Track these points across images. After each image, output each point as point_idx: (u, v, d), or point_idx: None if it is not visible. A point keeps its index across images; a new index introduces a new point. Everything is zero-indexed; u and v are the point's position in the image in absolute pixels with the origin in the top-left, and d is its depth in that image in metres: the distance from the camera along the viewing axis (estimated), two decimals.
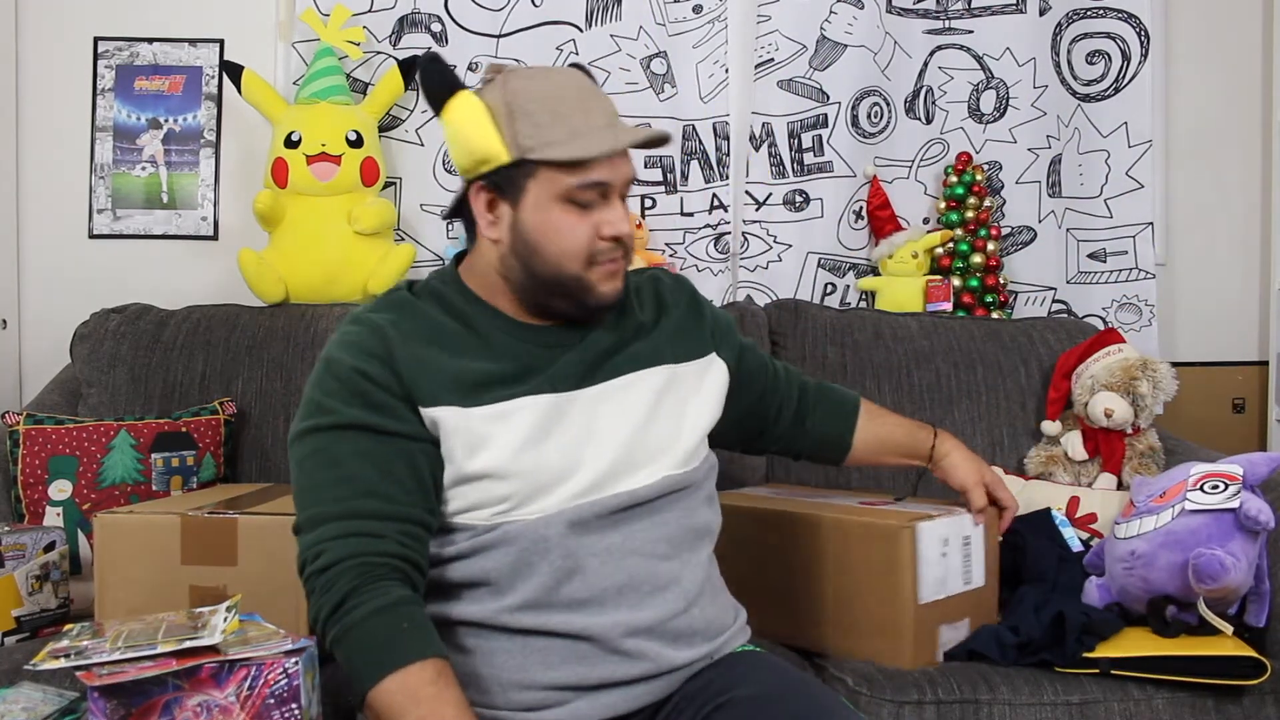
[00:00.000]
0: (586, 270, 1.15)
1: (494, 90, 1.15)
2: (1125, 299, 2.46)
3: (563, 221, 1.14)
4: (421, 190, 2.48)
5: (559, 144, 1.11)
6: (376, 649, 1.02)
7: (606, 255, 1.16)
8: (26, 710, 1.17)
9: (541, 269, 1.15)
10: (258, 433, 2.04)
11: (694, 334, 1.32)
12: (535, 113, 1.12)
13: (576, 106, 1.13)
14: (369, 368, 1.12)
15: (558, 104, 1.13)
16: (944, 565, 1.53)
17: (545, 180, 1.13)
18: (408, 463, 1.11)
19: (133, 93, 2.47)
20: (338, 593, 1.05)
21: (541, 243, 1.14)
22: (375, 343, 1.14)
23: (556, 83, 1.16)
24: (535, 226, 1.14)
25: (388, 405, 1.12)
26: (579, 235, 1.14)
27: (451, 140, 1.17)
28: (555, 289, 1.16)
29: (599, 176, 1.13)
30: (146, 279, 2.40)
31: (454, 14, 2.46)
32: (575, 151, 1.11)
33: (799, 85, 2.47)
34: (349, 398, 1.11)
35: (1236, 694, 1.48)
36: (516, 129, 1.12)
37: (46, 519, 1.82)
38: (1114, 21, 2.47)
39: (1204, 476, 1.63)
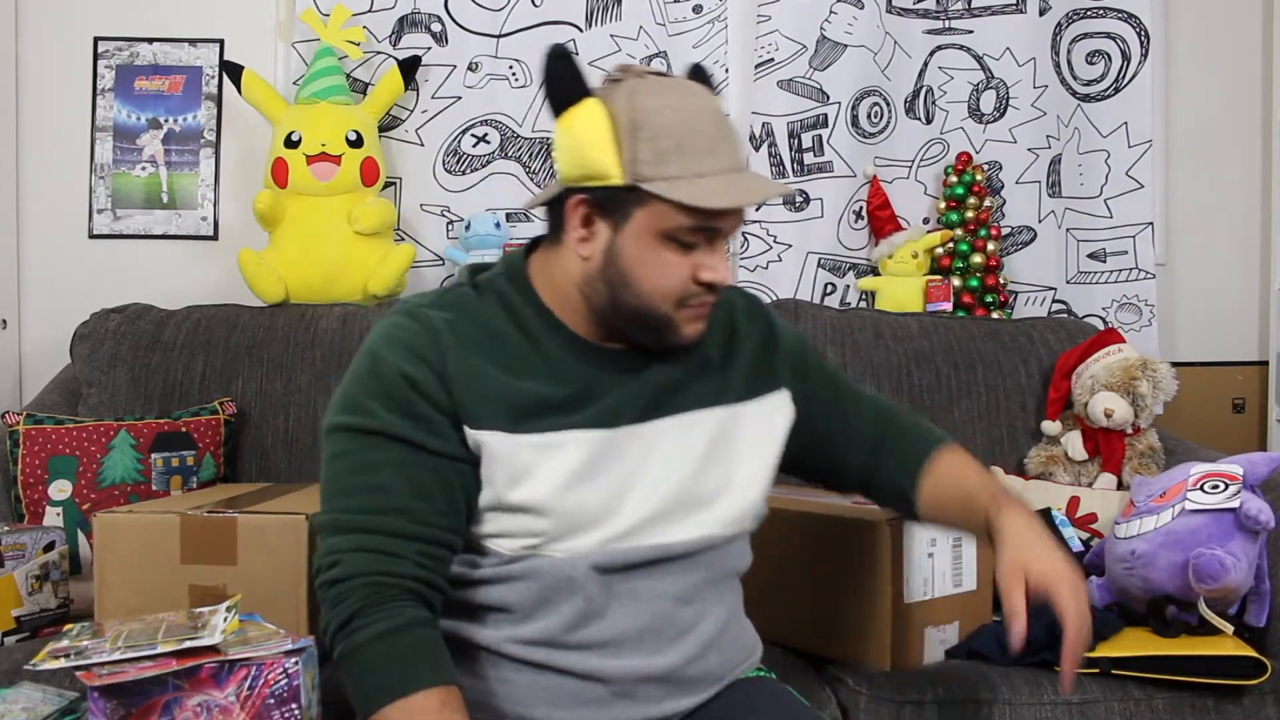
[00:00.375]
0: (675, 310, 1.08)
1: (620, 99, 1.04)
2: (1125, 299, 2.46)
3: (662, 258, 1.06)
4: (421, 190, 2.48)
5: (679, 182, 1.02)
6: (380, 674, 1.00)
7: (698, 298, 1.09)
8: (26, 710, 1.17)
9: (628, 301, 1.07)
10: (258, 433, 2.04)
11: (764, 367, 1.23)
12: (660, 139, 1.02)
13: (705, 142, 1.04)
14: (417, 374, 1.05)
15: (686, 134, 1.03)
16: (931, 566, 1.53)
17: (655, 213, 1.04)
18: (441, 482, 1.06)
19: (133, 93, 2.47)
20: (346, 610, 1.02)
21: (635, 275, 1.06)
22: (428, 346, 1.07)
23: (689, 108, 1.04)
24: (632, 257, 1.06)
25: (431, 420, 1.06)
26: (676, 275, 1.06)
27: (563, 147, 1.06)
28: (638, 322, 1.09)
29: (714, 222, 1.04)
30: (146, 279, 2.40)
31: (454, 14, 2.46)
32: (696, 198, 1.01)
33: (799, 85, 2.47)
34: (391, 404, 1.05)
35: (1236, 694, 1.48)
36: (637, 151, 1.02)
37: (46, 519, 1.82)
38: (1114, 21, 2.47)
39: (1204, 476, 1.63)
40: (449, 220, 2.48)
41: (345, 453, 1.07)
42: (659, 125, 1.02)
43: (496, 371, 1.08)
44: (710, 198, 1.01)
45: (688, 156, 1.02)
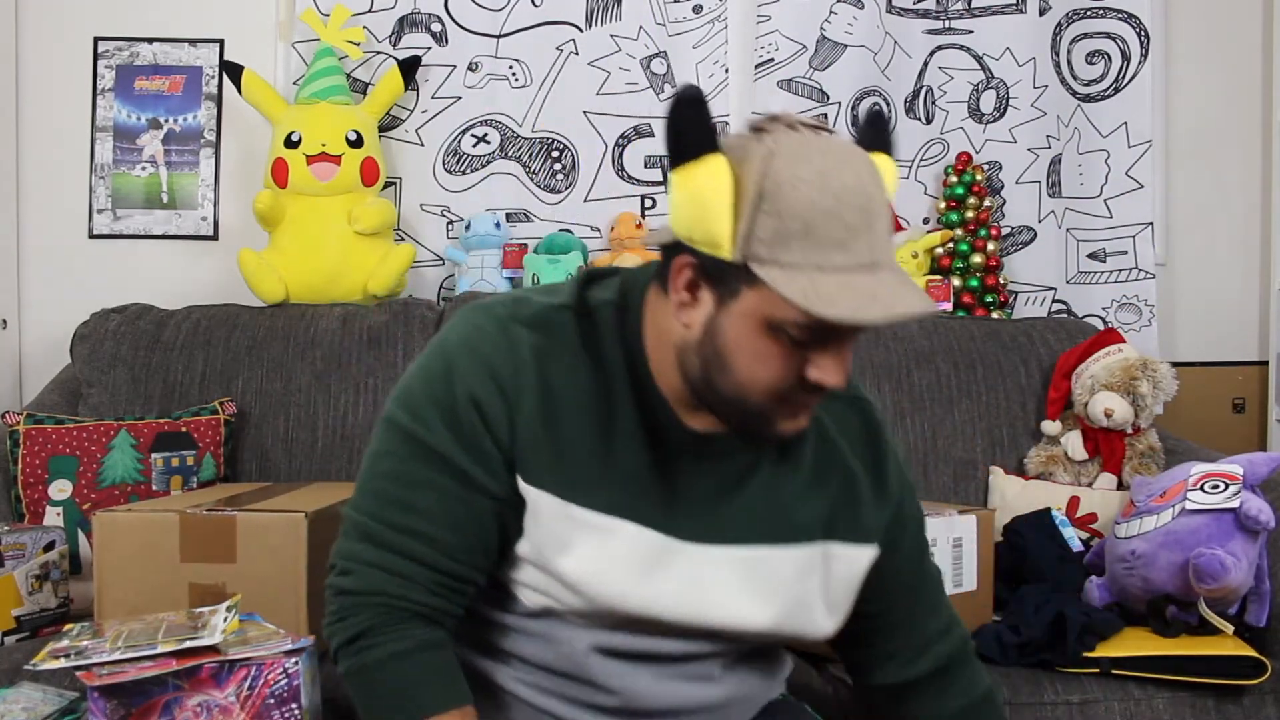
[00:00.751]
0: (773, 405, 0.94)
1: (754, 160, 0.88)
2: (1125, 299, 2.46)
3: (767, 348, 0.91)
4: (421, 190, 2.48)
5: (796, 273, 0.86)
6: (393, 697, 0.96)
7: (801, 402, 0.94)
8: (26, 710, 1.17)
9: (722, 385, 0.93)
10: (258, 433, 2.04)
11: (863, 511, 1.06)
12: (786, 217, 0.86)
13: (839, 231, 0.87)
14: (486, 400, 0.96)
15: (819, 218, 0.86)
16: None
17: (765, 298, 0.88)
18: (479, 519, 0.98)
19: (133, 93, 2.47)
20: (355, 626, 0.97)
21: (734, 360, 0.92)
22: (507, 369, 0.96)
23: (832, 186, 0.87)
24: (733, 339, 0.91)
25: (487, 455, 0.97)
26: (779, 370, 0.91)
27: (677, 202, 0.91)
28: (729, 406, 0.95)
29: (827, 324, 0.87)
30: (146, 279, 2.40)
31: (454, 14, 2.46)
32: (808, 299, 0.85)
33: (799, 85, 2.47)
34: (452, 424, 0.96)
35: (1236, 694, 1.48)
36: (755, 226, 0.87)
37: (46, 519, 1.82)
38: (1114, 21, 2.47)
39: (1204, 476, 1.63)
40: (449, 220, 2.47)
41: (392, 454, 0.99)
42: (789, 201, 0.86)
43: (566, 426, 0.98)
44: (825, 303, 0.85)
45: (814, 245, 0.86)
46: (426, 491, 0.97)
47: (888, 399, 2.10)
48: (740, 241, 0.88)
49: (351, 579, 0.99)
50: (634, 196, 2.47)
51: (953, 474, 2.08)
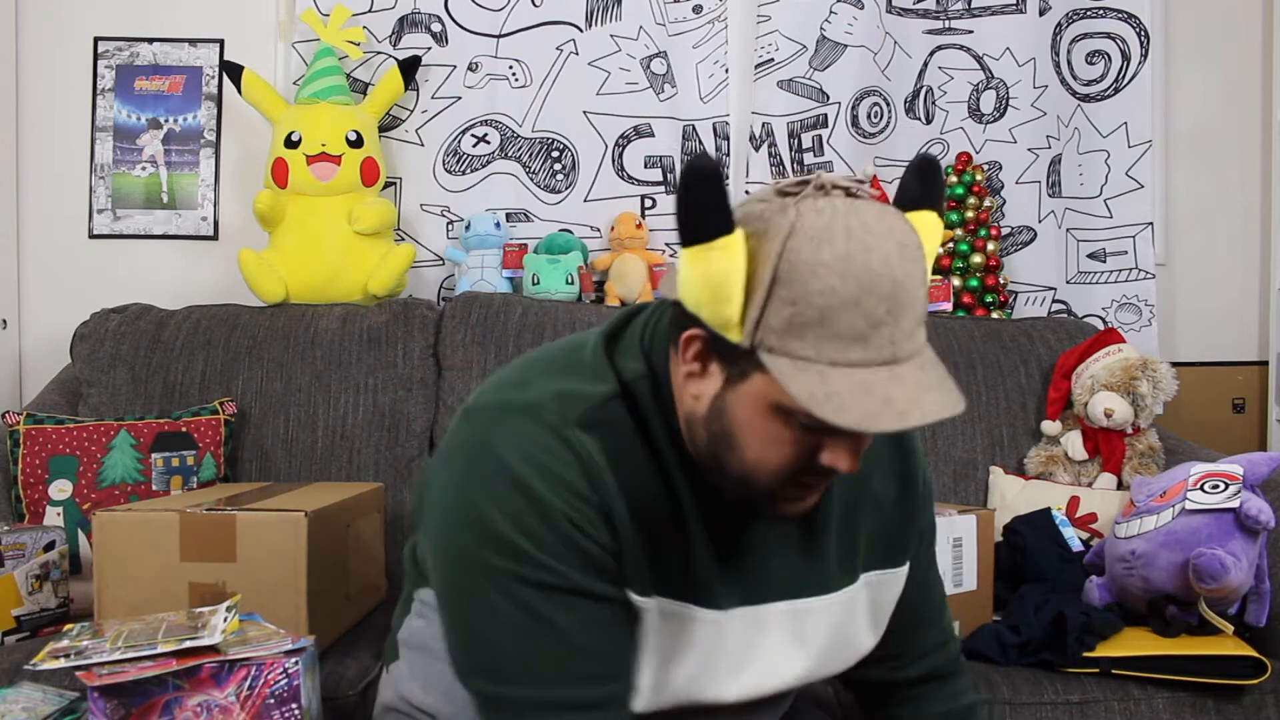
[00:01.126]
0: (781, 486, 0.88)
1: (774, 237, 0.81)
2: (1125, 299, 2.46)
3: (778, 434, 0.85)
4: (421, 190, 2.48)
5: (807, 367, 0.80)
6: None
7: (809, 483, 0.89)
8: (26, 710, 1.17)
9: (729, 463, 0.88)
10: (258, 433, 2.04)
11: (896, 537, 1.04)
12: (801, 305, 0.79)
13: (859, 323, 0.79)
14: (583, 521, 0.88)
15: (839, 310, 0.79)
16: None
17: (775, 385, 0.82)
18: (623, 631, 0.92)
19: (133, 93, 2.47)
20: None
21: (741, 440, 0.86)
22: (586, 484, 0.88)
23: (857, 272, 0.79)
24: (742, 420, 0.86)
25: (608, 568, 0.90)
26: (789, 455, 0.86)
27: (687, 279, 0.84)
28: (733, 485, 0.90)
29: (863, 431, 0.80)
30: (146, 279, 2.40)
31: (454, 14, 2.46)
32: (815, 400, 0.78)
33: (799, 85, 2.47)
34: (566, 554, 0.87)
35: (1236, 694, 1.48)
36: (768, 313, 0.81)
37: (46, 519, 1.82)
38: (1114, 21, 2.47)
39: (1204, 476, 1.63)
40: (449, 220, 2.48)
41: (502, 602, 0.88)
42: (806, 288, 0.79)
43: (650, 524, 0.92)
44: (834, 408, 0.78)
45: (829, 337, 0.79)
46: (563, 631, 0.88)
47: None
48: (750, 326, 0.81)
49: None
50: (634, 196, 2.47)
51: (953, 474, 2.08)
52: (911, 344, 0.82)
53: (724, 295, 0.81)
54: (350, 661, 1.48)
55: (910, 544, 1.05)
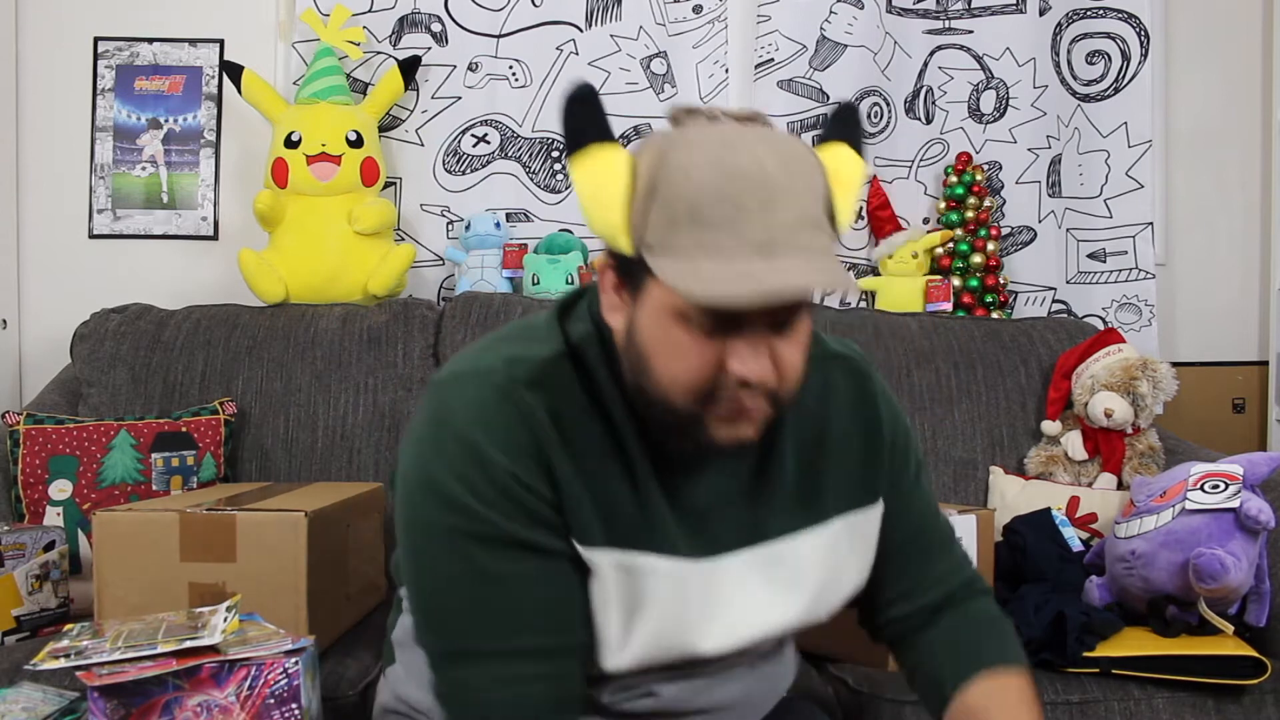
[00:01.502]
0: (701, 407, 0.86)
1: (653, 150, 0.86)
2: (1125, 299, 2.46)
3: (680, 342, 0.85)
4: (421, 190, 2.48)
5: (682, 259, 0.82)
6: None
7: (729, 400, 0.86)
8: (26, 710, 1.17)
9: (649, 388, 0.88)
10: (258, 433, 2.04)
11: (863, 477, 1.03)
12: (675, 205, 0.82)
13: (729, 211, 0.81)
14: (526, 476, 0.89)
15: (707, 200, 0.81)
16: None
17: (667, 289, 0.83)
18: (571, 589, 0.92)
19: (133, 93, 2.47)
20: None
21: (652, 360, 0.87)
22: (530, 442, 0.89)
23: (727, 167, 0.82)
24: (649, 337, 0.87)
25: (550, 522, 0.90)
26: (695, 364, 0.85)
27: (579, 196, 0.90)
28: (661, 414, 0.89)
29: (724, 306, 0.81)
30: (146, 279, 2.40)
31: (454, 14, 2.46)
32: (687, 282, 0.80)
33: (799, 85, 2.47)
34: (509, 508, 0.89)
35: (1236, 694, 1.48)
36: (648, 217, 0.84)
37: (46, 519, 1.82)
38: (1114, 21, 2.47)
39: (1204, 476, 1.63)
40: (449, 220, 2.48)
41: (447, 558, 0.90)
42: (679, 187, 0.82)
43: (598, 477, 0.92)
44: (704, 284, 0.79)
45: (701, 227, 0.81)
46: (509, 584, 0.89)
47: None
48: (635, 234, 0.85)
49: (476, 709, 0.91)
50: None
51: (953, 474, 2.08)
52: (796, 240, 0.82)
53: (605, 200, 0.86)
54: (350, 662, 1.48)
55: (880, 485, 1.04)
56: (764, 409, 0.88)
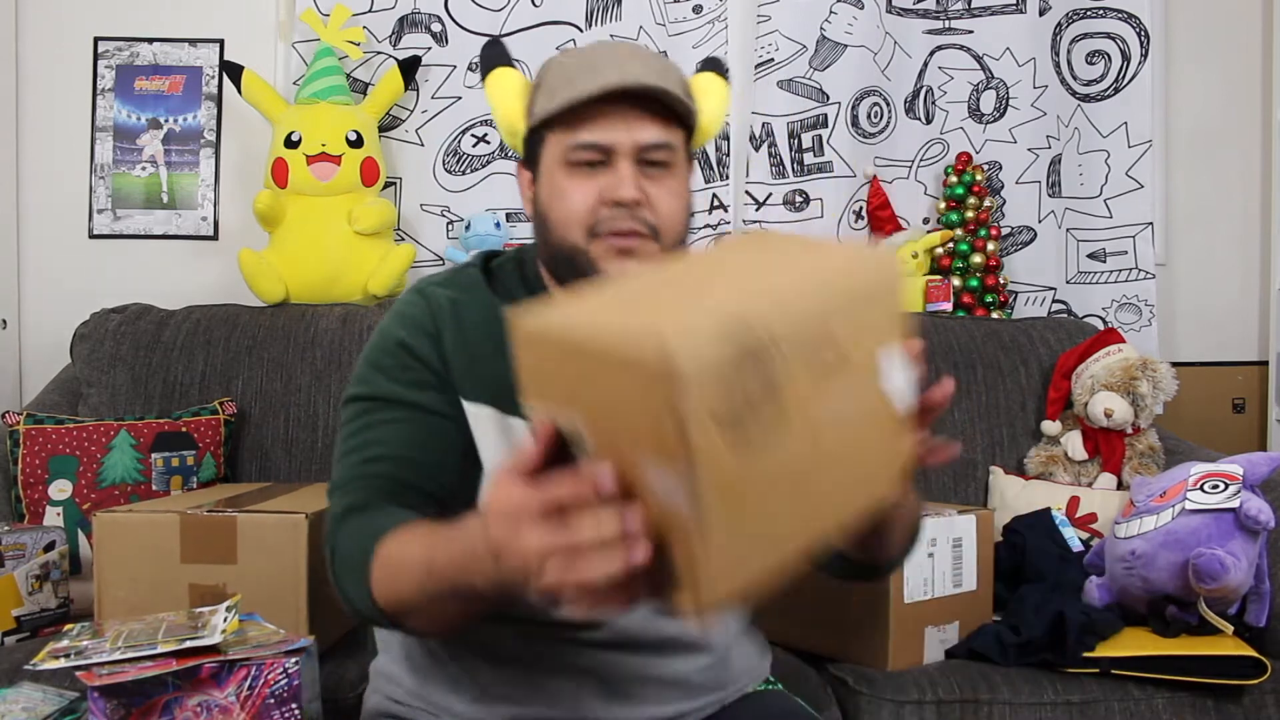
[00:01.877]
0: (588, 242, 1.04)
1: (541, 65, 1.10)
2: (1125, 299, 2.46)
3: (565, 185, 1.05)
4: (421, 190, 2.48)
5: (555, 103, 1.04)
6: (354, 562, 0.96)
7: (609, 225, 1.04)
8: (26, 710, 1.17)
9: (551, 239, 1.07)
10: (258, 433, 2.04)
11: None
12: (553, 83, 1.05)
13: (589, 67, 1.03)
14: (415, 343, 1.07)
15: (574, 68, 1.04)
16: (931, 565, 1.53)
17: (552, 144, 1.06)
18: (435, 438, 1.05)
19: (133, 93, 2.47)
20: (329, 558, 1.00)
21: (549, 210, 1.07)
22: (428, 319, 1.09)
23: (590, 50, 1.07)
24: (546, 194, 1.07)
25: (426, 383, 1.06)
26: (577, 199, 1.04)
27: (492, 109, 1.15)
28: (564, 262, 1.07)
29: (593, 136, 1.03)
30: (146, 279, 2.40)
31: (454, 14, 2.46)
32: (556, 101, 1.03)
33: (799, 85, 2.47)
34: (391, 371, 1.07)
35: (1236, 694, 1.48)
36: (536, 98, 1.07)
37: (46, 519, 1.82)
38: (1114, 21, 2.47)
39: (1204, 476, 1.63)
40: (449, 220, 2.48)
41: (349, 421, 1.08)
42: (554, 72, 1.07)
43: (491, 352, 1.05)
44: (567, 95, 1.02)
45: (569, 81, 1.03)
46: (381, 429, 1.04)
47: None
48: (529, 114, 1.09)
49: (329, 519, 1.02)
50: None
51: (953, 474, 2.08)
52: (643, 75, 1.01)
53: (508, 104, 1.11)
54: (350, 663, 1.48)
55: None
56: (647, 243, 1.05)
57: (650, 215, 1.04)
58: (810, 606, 1.59)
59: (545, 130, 1.06)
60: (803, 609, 1.60)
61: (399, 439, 1.05)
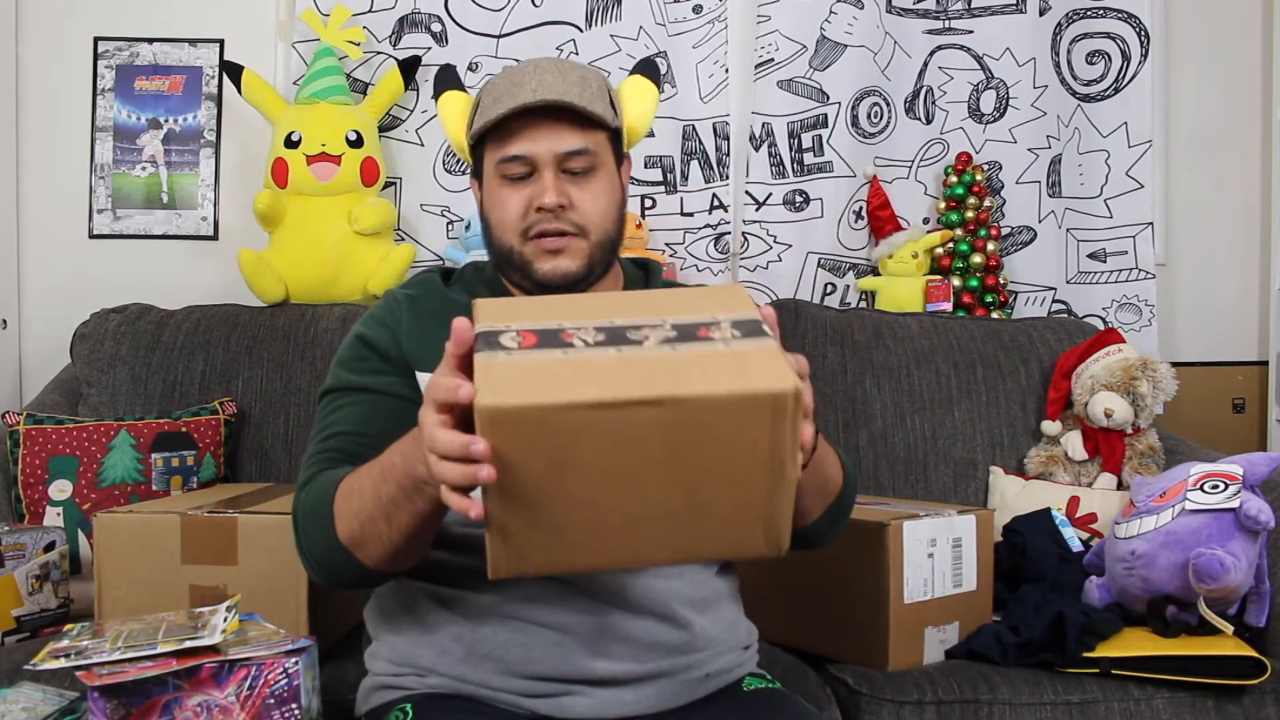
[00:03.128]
0: (522, 244, 1.18)
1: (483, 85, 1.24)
2: (1125, 299, 2.46)
3: (500, 195, 1.18)
4: (421, 190, 2.48)
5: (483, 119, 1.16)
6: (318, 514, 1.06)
7: (538, 228, 1.17)
8: (27, 710, 1.17)
9: (493, 242, 1.22)
10: (258, 433, 2.04)
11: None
12: (486, 98, 1.19)
13: (513, 85, 1.15)
14: (373, 334, 1.19)
15: (503, 88, 1.16)
16: (930, 566, 1.53)
17: (487, 159, 1.19)
18: (388, 416, 1.13)
19: (133, 93, 2.47)
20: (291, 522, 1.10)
21: (491, 217, 1.21)
22: (389, 313, 1.21)
23: (522, 69, 1.18)
24: (487, 203, 1.21)
25: (381, 370, 1.17)
26: (510, 208, 1.18)
27: (442, 127, 1.31)
28: (505, 264, 1.21)
29: (514, 149, 1.16)
30: (146, 279, 2.40)
31: (454, 14, 2.46)
32: (483, 119, 1.16)
33: (799, 85, 2.47)
34: (351, 363, 1.18)
35: (1236, 694, 1.48)
36: (474, 120, 1.20)
37: (46, 519, 1.82)
38: (1114, 21, 2.47)
39: (1204, 476, 1.63)
40: (449, 220, 2.48)
41: (318, 417, 1.18)
42: (489, 91, 1.19)
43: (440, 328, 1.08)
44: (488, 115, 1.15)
45: (498, 100, 1.15)
46: (337, 414, 1.15)
47: (888, 399, 2.11)
48: (469, 134, 1.21)
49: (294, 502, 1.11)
50: (634, 197, 2.47)
51: (953, 474, 2.08)
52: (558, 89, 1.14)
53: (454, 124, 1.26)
54: (350, 664, 1.48)
55: None
56: (575, 241, 1.18)
57: (576, 216, 1.17)
58: (810, 606, 1.59)
59: (481, 147, 1.20)
60: (803, 609, 1.60)
61: (352, 418, 1.15)
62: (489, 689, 1.12)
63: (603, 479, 0.79)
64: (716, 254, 2.49)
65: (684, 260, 2.49)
